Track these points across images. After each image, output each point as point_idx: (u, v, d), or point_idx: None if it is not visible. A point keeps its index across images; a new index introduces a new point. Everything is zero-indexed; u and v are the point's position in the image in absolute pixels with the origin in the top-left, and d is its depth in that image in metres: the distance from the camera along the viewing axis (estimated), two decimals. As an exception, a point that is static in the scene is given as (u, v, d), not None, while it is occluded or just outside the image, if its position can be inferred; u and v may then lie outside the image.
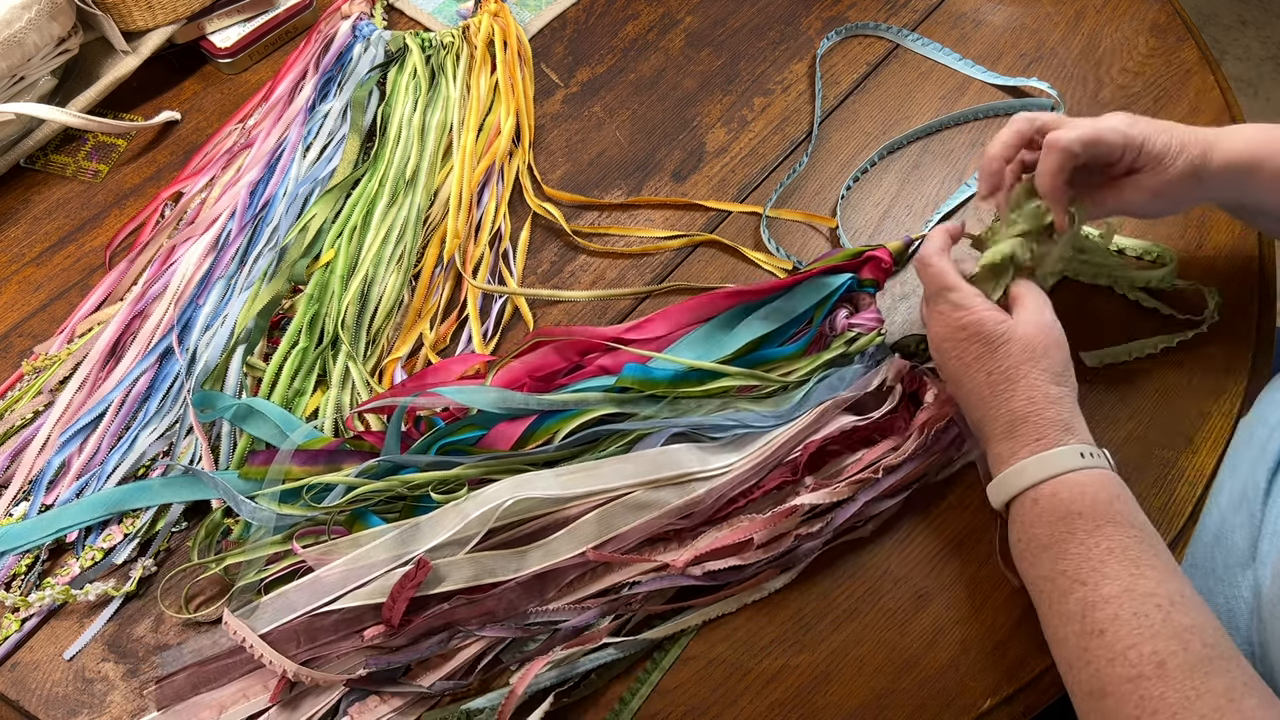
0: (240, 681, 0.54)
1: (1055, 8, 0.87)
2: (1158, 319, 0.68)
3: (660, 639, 0.56)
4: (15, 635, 0.57)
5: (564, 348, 0.64)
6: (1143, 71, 0.82)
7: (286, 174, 0.76)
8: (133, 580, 0.58)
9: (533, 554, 0.57)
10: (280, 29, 0.86)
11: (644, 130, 0.81)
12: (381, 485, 0.58)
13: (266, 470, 0.59)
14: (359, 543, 0.56)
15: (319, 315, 0.68)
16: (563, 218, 0.74)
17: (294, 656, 0.53)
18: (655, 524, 0.58)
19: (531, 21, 0.88)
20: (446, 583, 0.55)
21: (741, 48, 0.86)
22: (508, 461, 0.59)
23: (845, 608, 0.58)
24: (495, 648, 0.55)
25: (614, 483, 0.58)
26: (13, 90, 0.76)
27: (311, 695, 0.54)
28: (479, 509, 0.56)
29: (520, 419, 0.60)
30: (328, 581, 0.55)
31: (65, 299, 0.72)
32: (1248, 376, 0.66)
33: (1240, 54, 2.08)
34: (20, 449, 0.64)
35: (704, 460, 0.59)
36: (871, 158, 0.77)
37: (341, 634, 0.54)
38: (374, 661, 0.53)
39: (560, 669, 0.54)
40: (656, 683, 0.55)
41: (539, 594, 0.56)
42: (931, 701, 0.55)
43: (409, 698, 0.53)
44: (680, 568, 0.56)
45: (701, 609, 0.57)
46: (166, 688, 0.54)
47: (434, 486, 0.58)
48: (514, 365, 0.63)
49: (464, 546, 0.56)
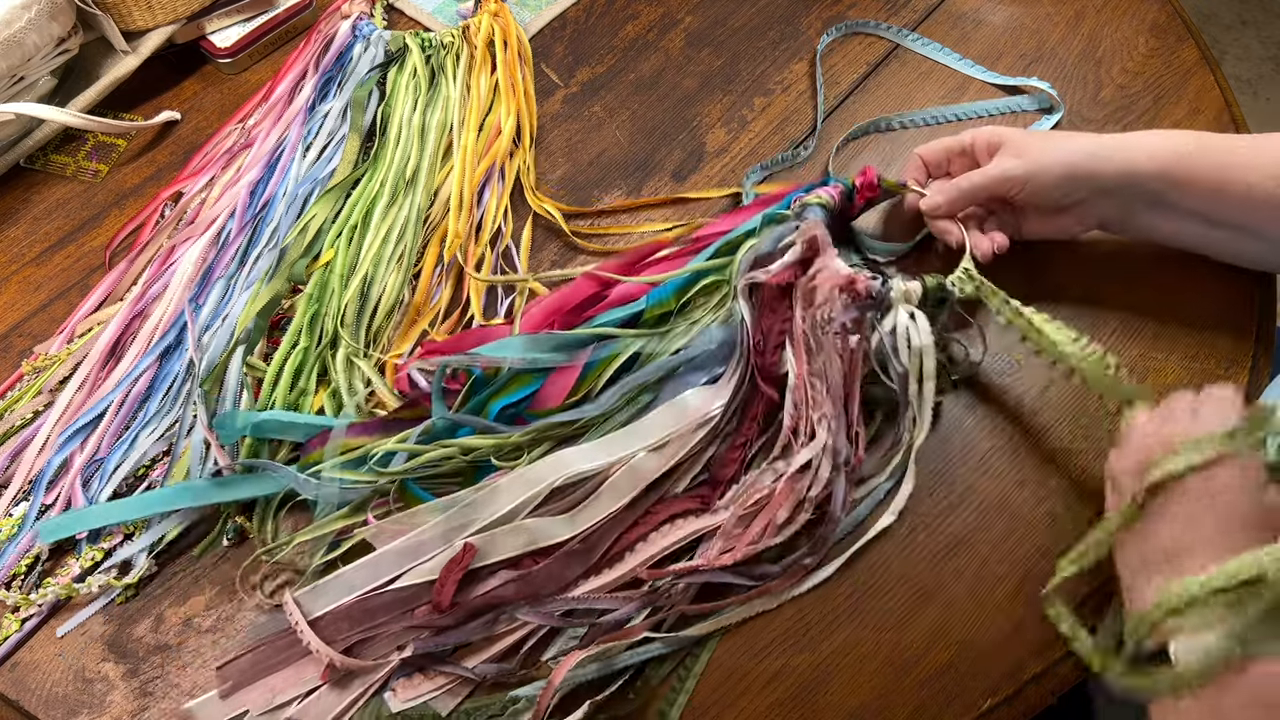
0: (297, 664, 0.56)
1: (1055, 8, 0.87)
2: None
3: (697, 637, 0.56)
4: (15, 635, 0.58)
5: (587, 279, 0.67)
6: (1143, 71, 0.82)
7: (286, 174, 0.76)
8: (136, 573, 0.58)
9: (580, 516, 0.58)
10: (280, 29, 0.86)
11: (644, 130, 0.81)
12: (441, 452, 0.59)
13: (323, 452, 0.60)
14: (416, 518, 0.58)
15: (319, 315, 0.68)
16: (562, 218, 0.74)
17: (350, 636, 0.55)
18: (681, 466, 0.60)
19: (531, 21, 0.88)
20: (499, 550, 0.57)
21: (741, 48, 0.86)
22: (557, 427, 0.61)
23: (845, 608, 0.58)
24: (537, 633, 0.56)
25: (650, 437, 0.60)
26: (13, 90, 0.76)
27: (362, 674, 0.55)
28: (526, 490, 0.58)
29: (568, 369, 0.62)
30: (384, 561, 0.57)
31: (65, 299, 0.72)
32: (1248, 376, 0.65)
33: (1240, 54, 2.08)
34: (20, 449, 0.64)
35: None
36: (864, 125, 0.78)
37: (396, 613, 0.56)
38: (419, 644, 0.54)
39: (599, 663, 0.54)
40: (693, 690, 0.55)
41: (585, 561, 0.57)
42: (931, 701, 0.55)
43: (454, 678, 0.54)
44: (713, 564, 0.57)
45: (739, 607, 0.57)
46: (230, 670, 0.55)
47: (492, 453, 0.60)
48: (537, 310, 0.66)
49: (514, 518, 0.58)
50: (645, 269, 0.68)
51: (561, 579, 0.57)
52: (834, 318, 0.60)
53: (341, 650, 0.54)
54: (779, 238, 0.65)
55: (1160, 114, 0.79)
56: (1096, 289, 0.69)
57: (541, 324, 0.65)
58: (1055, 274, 0.70)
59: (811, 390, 0.60)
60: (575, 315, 0.66)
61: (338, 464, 0.59)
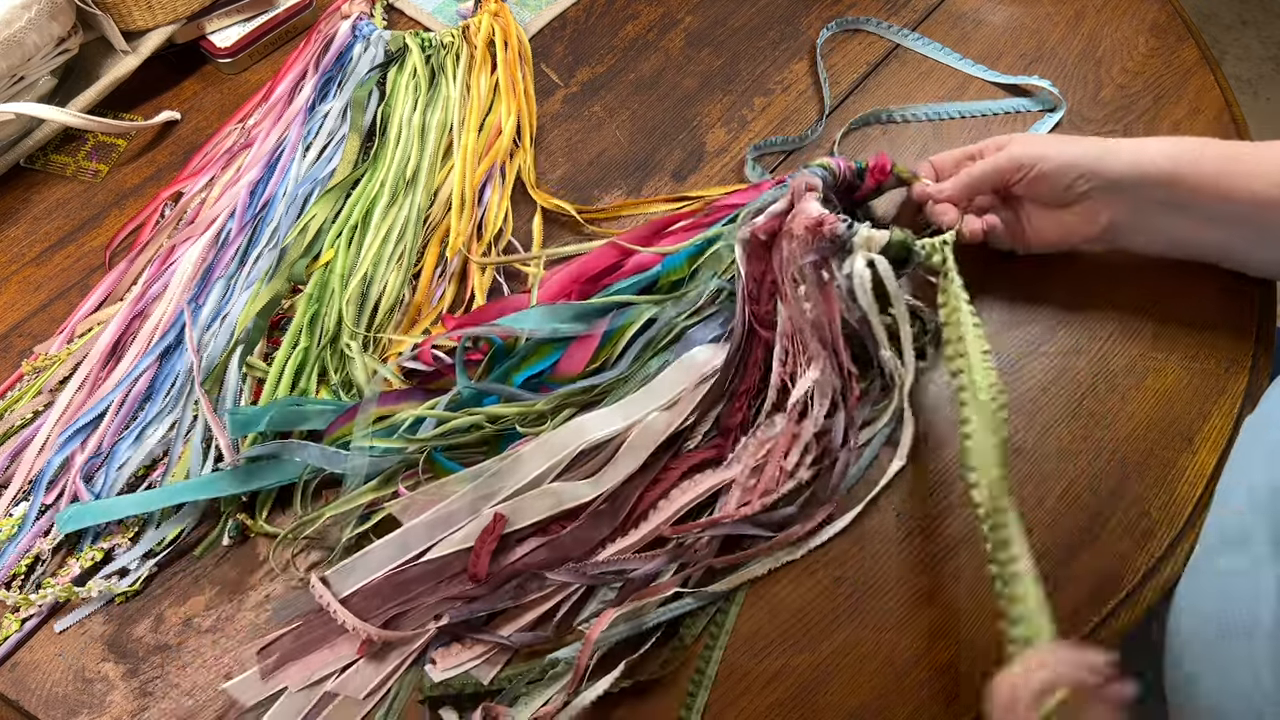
0: (332, 644, 0.56)
1: (1055, 8, 0.87)
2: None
3: (726, 591, 0.57)
4: (15, 635, 0.58)
5: (607, 249, 0.68)
6: (1143, 71, 0.82)
7: (286, 174, 0.76)
8: (137, 578, 0.59)
9: (603, 478, 0.59)
10: (280, 29, 0.86)
11: (644, 130, 0.81)
12: (468, 420, 0.60)
13: (347, 428, 0.61)
14: (443, 490, 0.58)
15: (319, 315, 0.68)
16: (574, 209, 0.74)
17: (382, 611, 0.55)
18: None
19: (531, 21, 0.88)
20: (527, 515, 0.58)
21: (741, 48, 0.86)
22: (579, 394, 0.62)
23: (845, 608, 0.58)
24: (570, 598, 0.57)
25: (663, 397, 0.61)
26: (13, 90, 0.76)
27: (400, 645, 0.56)
28: (550, 457, 0.59)
29: (587, 339, 0.64)
30: (413, 535, 0.57)
31: (65, 299, 0.72)
32: (1248, 376, 0.66)
33: (1240, 54, 2.08)
34: (20, 449, 0.64)
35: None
36: (866, 115, 0.78)
37: (429, 584, 0.56)
38: (454, 613, 0.55)
39: (631, 622, 0.55)
40: (726, 646, 0.56)
41: (611, 521, 0.58)
42: (931, 701, 0.55)
43: (491, 646, 0.55)
44: (733, 517, 0.58)
45: (764, 558, 0.59)
46: (270, 650, 0.55)
47: (518, 420, 0.61)
48: (555, 282, 0.67)
49: (539, 484, 0.59)
50: (661, 240, 0.70)
51: (589, 540, 0.58)
52: (801, 258, 0.62)
53: (377, 625, 0.55)
54: (776, 196, 0.67)
55: (1160, 114, 0.79)
56: (1096, 289, 0.69)
57: (559, 295, 0.67)
58: (1056, 274, 0.70)
59: (799, 333, 0.62)
60: (592, 285, 0.67)
61: (369, 433, 0.60)
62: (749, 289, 0.64)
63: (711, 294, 0.66)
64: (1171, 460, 0.63)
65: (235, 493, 0.60)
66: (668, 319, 0.65)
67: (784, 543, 0.59)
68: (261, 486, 0.60)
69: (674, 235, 0.70)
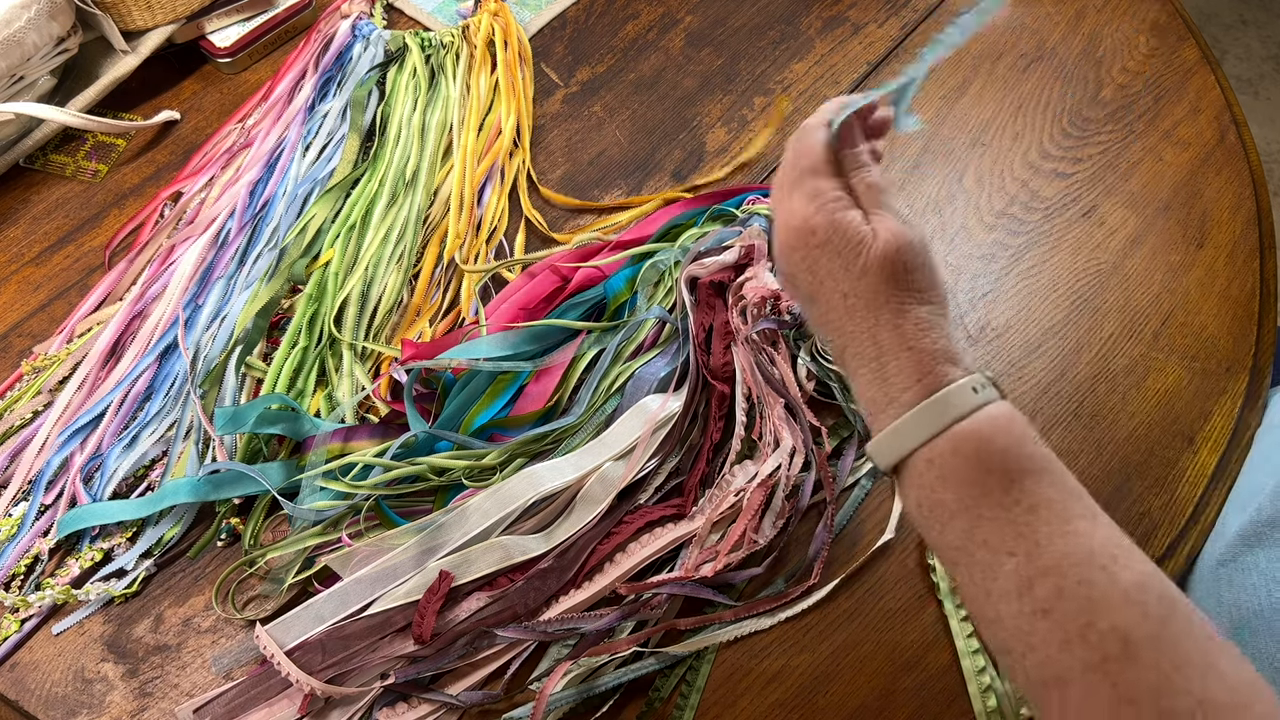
0: (271, 702, 0.54)
1: (1055, 7, 0.87)
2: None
3: (685, 654, 0.55)
4: (15, 635, 0.57)
5: (550, 270, 0.68)
6: (1143, 71, 0.82)
7: (286, 174, 0.76)
8: (134, 580, 0.58)
9: (555, 532, 0.58)
10: (280, 29, 0.86)
11: (644, 130, 0.81)
12: (413, 470, 0.59)
13: (324, 452, 0.60)
14: (386, 543, 0.57)
15: (318, 315, 0.68)
16: (548, 226, 0.74)
17: (325, 666, 0.53)
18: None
19: (531, 21, 0.88)
20: (475, 568, 0.56)
21: (741, 47, 0.86)
22: (530, 443, 0.61)
23: (845, 608, 0.58)
24: (521, 655, 0.55)
25: (616, 446, 0.60)
26: (12, 90, 0.76)
27: (342, 703, 0.54)
28: (499, 510, 0.58)
29: (544, 377, 0.63)
30: (355, 589, 0.56)
31: (65, 299, 0.72)
32: (1248, 376, 0.65)
33: (1240, 54, 2.08)
34: (20, 449, 0.64)
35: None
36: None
37: (373, 639, 0.54)
38: (401, 673, 0.53)
39: (587, 682, 0.54)
40: (698, 706, 0.55)
41: (561, 576, 0.57)
42: (932, 701, 0.55)
43: (439, 706, 0.54)
44: (690, 576, 0.56)
45: (731, 625, 0.57)
46: (204, 713, 0.53)
47: (464, 474, 0.60)
48: (504, 308, 0.67)
49: (487, 537, 0.58)
50: (600, 257, 0.70)
51: (540, 595, 0.56)
52: (753, 325, 0.63)
53: (321, 681, 0.53)
54: (722, 238, 0.67)
55: (1160, 113, 0.79)
56: (1096, 288, 0.69)
57: (510, 322, 0.66)
58: (1055, 273, 0.70)
59: (760, 389, 0.62)
60: (540, 310, 0.67)
61: (319, 473, 0.59)
62: (698, 338, 0.63)
63: (654, 325, 0.65)
64: (1172, 460, 0.62)
65: (206, 500, 0.60)
66: (615, 349, 0.64)
67: (754, 610, 0.57)
68: (230, 496, 0.60)
69: (613, 250, 0.69)
